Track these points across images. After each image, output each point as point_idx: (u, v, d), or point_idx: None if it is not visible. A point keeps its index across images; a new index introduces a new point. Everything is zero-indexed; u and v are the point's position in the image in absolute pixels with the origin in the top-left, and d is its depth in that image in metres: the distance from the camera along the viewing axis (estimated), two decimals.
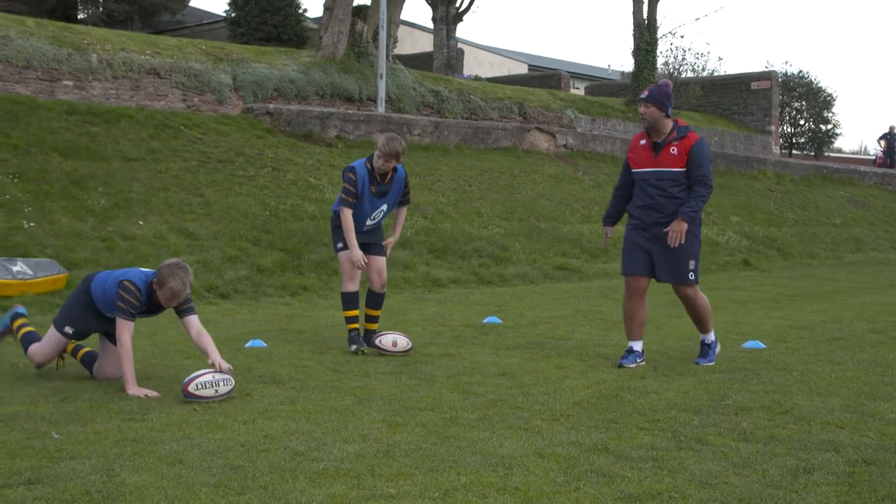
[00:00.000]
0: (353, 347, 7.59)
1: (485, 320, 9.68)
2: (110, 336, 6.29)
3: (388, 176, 7.73)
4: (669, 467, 4.36)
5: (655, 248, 7.07)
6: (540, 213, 17.56)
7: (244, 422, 5.12)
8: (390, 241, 7.97)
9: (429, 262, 13.50)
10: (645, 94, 7.06)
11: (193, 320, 6.13)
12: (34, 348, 6.32)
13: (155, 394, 5.82)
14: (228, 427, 5.00)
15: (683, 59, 30.38)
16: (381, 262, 7.80)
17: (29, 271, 10.02)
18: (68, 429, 4.90)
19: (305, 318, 9.67)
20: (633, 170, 7.20)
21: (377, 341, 7.52)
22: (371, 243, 7.75)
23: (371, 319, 7.89)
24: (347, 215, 7.51)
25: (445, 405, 5.62)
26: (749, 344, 8.15)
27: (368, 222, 7.71)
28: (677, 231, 6.89)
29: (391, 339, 7.53)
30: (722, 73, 32.60)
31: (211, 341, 6.13)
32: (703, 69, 30.86)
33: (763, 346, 8.08)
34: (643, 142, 7.14)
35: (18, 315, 6.58)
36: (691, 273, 7.11)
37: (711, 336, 7.37)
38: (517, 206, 17.55)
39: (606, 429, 5.08)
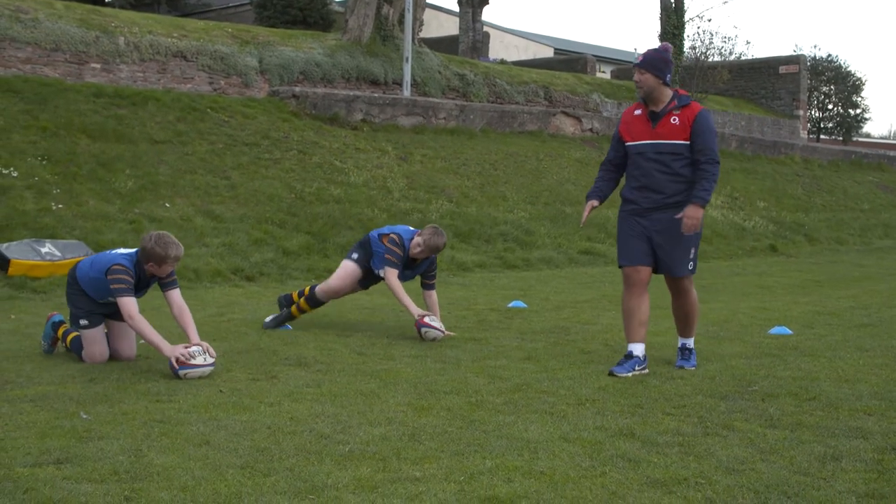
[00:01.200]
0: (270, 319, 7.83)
1: (510, 304, 9.67)
2: (115, 315, 6.33)
3: (419, 260, 7.72)
4: (696, 453, 4.34)
5: (656, 236, 6.27)
6: (565, 197, 17.50)
7: (270, 404, 5.14)
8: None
9: (454, 246, 13.50)
10: (639, 59, 6.29)
11: (176, 295, 6.18)
12: (85, 354, 6.35)
13: (191, 349, 5.85)
14: (254, 409, 5.02)
15: (711, 43, 30.33)
16: None
17: (57, 253, 10.10)
18: (96, 409, 4.95)
19: (330, 301, 9.68)
20: (627, 143, 6.38)
21: (423, 330, 7.42)
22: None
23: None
24: (396, 277, 7.51)
25: (471, 389, 5.62)
26: (776, 330, 8.09)
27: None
28: (693, 218, 6.08)
29: (433, 334, 7.44)
30: (749, 57, 32.35)
31: (192, 321, 6.16)
32: (731, 53, 30.63)
33: (790, 332, 8.03)
34: (638, 112, 6.35)
35: (59, 323, 6.62)
36: (690, 263, 6.34)
37: (692, 342, 6.61)
38: (543, 190, 17.50)
39: (632, 414, 5.07)
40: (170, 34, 17.89)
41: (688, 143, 6.19)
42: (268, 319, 7.88)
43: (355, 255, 7.79)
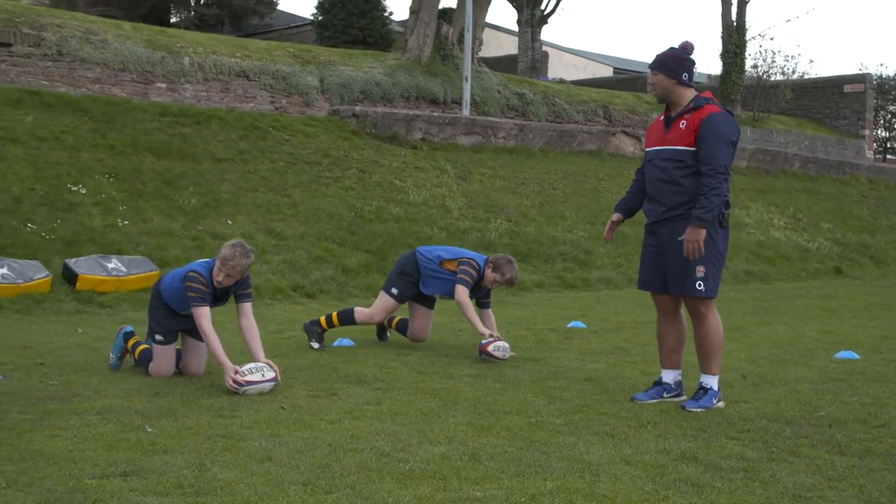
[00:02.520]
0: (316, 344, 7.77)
1: (569, 324, 9.62)
2: (192, 332, 6.42)
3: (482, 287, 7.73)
4: (761, 479, 4.27)
5: (663, 255, 5.79)
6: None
7: (331, 421, 5.17)
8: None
9: None
10: (652, 60, 5.84)
11: (247, 308, 6.24)
12: (152, 368, 6.45)
13: (248, 365, 5.92)
14: (315, 426, 5.05)
15: (773, 62, 29.84)
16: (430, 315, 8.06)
17: (123, 268, 10.28)
18: (161, 423, 5.01)
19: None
20: (646, 149, 5.93)
21: (491, 347, 7.35)
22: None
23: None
24: (467, 296, 7.49)
25: (531, 409, 5.60)
26: (842, 354, 7.94)
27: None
28: (692, 241, 5.46)
29: (501, 352, 7.39)
30: (813, 76, 31.93)
31: (258, 338, 6.19)
32: (794, 72, 30.27)
33: (857, 356, 7.87)
34: (661, 117, 5.87)
35: (129, 334, 6.73)
36: (699, 282, 5.62)
37: (714, 381, 5.82)
38: (602, 209, 17.41)
39: (695, 437, 5.00)
40: (233, 54, 18.18)
41: (693, 149, 5.57)
42: (312, 344, 7.84)
43: (395, 291, 7.78)
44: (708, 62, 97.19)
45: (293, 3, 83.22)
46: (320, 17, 27.34)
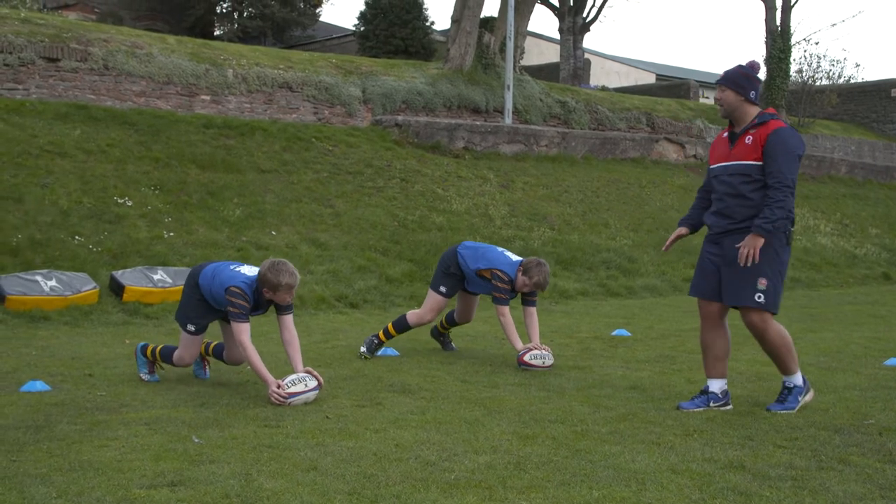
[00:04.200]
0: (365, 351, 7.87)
1: (613, 332, 9.57)
2: (229, 321, 6.47)
3: None
4: (810, 488, 4.21)
5: (723, 265, 5.83)
6: (669, 224, 17.27)
7: (376, 430, 5.18)
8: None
9: (556, 274, 13.44)
10: (720, 76, 5.89)
11: (289, 320, 6.24)
12: (177, 356, 6.53)
13: (289, 377, 5.95)
14: (360, 435, 5.06)
15: (818, 67, 29.46)
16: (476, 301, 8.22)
17: (168, 280, 10.40)
18: (207, 433, 5.06)
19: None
20: (710, 167, 6.00)
21: (527, 356, 7.38)
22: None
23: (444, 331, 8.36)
24: (508, 314, 7.52)
25: (576, 418, 5.57)
26: (892, 361, 7.82)
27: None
28: (750, 247, 5.55)
29: (539, 360, 7.40)
30: (859, 80, 31.48)
31: (298, 350, 6.20)
32: (840, 76, 29.86)
33: None
34: (725, 134, 5.93)
35: (144, 347, 6.79)
36: (759, 294, 5.66)
37: (797, 378, 5.91)
38: (645, 217, 17.32)
39: (742, 446, 4.95)
40: (276, 66, 18.33)
41: (759, 164, 5.64)
42: (362, 349, 7.89)
43: (443, 289, 7.83)
44: None
45: (335, 14, 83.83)
46: (362, 28, 27.49)
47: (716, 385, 5.96)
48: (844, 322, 10.90)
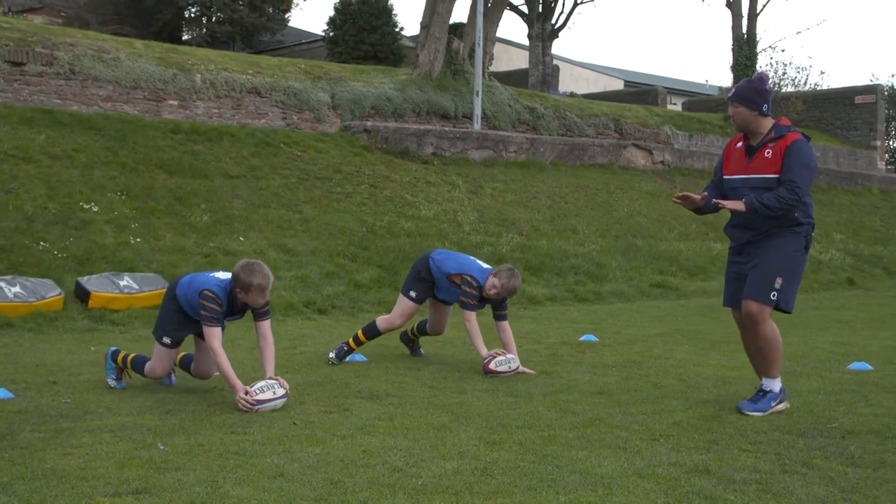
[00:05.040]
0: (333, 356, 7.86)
1: (581, 338, 9.61)
2: (203, 335, 6.44)
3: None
4: (774, 491, 4.25)
5: (749, 265, 6.04)
6: (637, 230, 17.38)
7: (343, 437, 5.17)
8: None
9: (525, 279, 13.46)
10: (731, 92, 6.07)
11: (265, 327, 6.22)
12: (148, 367, 6.49)
13: (258, 384, 5.92)
14: (327, 442, 5.05)
15: (784, 74, 29.77)
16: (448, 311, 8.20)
17: (135, 286, 10.32)
18: (173, 440, 5.02)
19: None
20: (724, 176, 6.17)
21: (492, 364, 7.40)
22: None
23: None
24: (474, 320, 7.53)
25: (543, 423, 5.59)
26: (855, 365, 7.91)
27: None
28: (729, 204, 5.85)
29: (505, 366, 7.42)
30: (824, 88, 31.84)
31: (272, 356, 6.19)
32: (805, 83, 30.18)
33: (870, 367, 7.84)
34: (739, 144, 6.12)
35: (116, 352, 6.74)
36: (774, 293, 5.88)
37: (775, 385, 6.03)
38: (613, 223, 17.40)
39: (707, 450, 4.99)
40: (244, 71, 18.26)
41: (779, 176, 5.85)
42: (331, 354, 7.89)
43: (413, 294, 7.82)
44: (718, 75, 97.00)
45: (304, 19, 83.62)
46: (331, 34, 27.48)
47: (776, 383, 6.06)
48: (809, 327, 11.01)
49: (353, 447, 4.93)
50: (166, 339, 6.42)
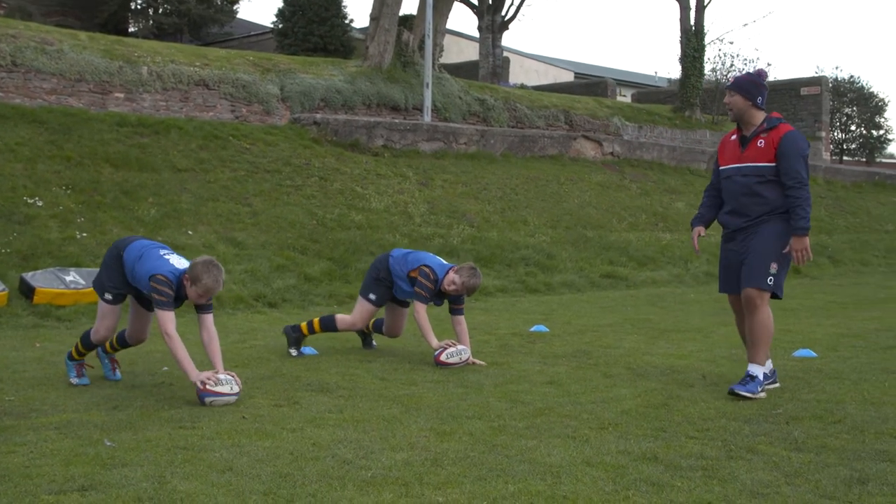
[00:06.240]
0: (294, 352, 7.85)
1: (532, 328, 9.66)
2: (140, 299, 6.38)
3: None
4: (720, 476, 4.31)
5: (742, 256, 6.29)
6: (587, 221, 17.49)
7: (292, 430, 5.15)
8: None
9: None
10: (731, 81, 6.47)
11: (208, 320, 6.15)
12: (92, 331, 6.41)
13: (219, 376, 5.87)
14: (277, 435, 5.03)
15: (731, 66, 30.14)
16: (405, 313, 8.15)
17: (81, 281, 10.17)
18: (120, 436, 4.97)
19: None
20: (721, 167, 6.48)
21: (443, 355, 7.41)
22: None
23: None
24: (424, 313, 7.55)
25: (493, 413, 5.61)
26: (800, 352, 8.05)
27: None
28: (799, 250, 6.10)
29: (455, 357, 7.43)
30: (771, 79, 32.26)
31: (218, 350, 6.11)
32: None
33: (814, 354, 7.98)
34: (734, 136, 6.44)
35: (69, 353, 6.65)
36: (770, 278, 6.16)
37: (759, 372, 6.21)
38: (564, 214, 17.50)
39: (655, 438, 5.04)
40: (192, 63, 18.07)
41: (773, 165, 6.17)
42: (291, 350, 7.86)
43: (373, 297, 7.80)
44: (667, 67, 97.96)
45: (253, 11, 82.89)
46: (280, 26, 27.23)
47: (761, 369, 6.23)
48: None
49: (303, 440, 4.92)
50: (108, 295, 6.32)
